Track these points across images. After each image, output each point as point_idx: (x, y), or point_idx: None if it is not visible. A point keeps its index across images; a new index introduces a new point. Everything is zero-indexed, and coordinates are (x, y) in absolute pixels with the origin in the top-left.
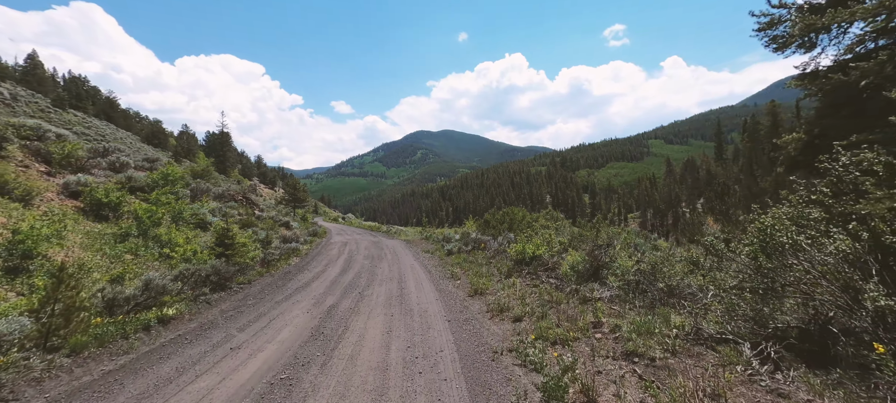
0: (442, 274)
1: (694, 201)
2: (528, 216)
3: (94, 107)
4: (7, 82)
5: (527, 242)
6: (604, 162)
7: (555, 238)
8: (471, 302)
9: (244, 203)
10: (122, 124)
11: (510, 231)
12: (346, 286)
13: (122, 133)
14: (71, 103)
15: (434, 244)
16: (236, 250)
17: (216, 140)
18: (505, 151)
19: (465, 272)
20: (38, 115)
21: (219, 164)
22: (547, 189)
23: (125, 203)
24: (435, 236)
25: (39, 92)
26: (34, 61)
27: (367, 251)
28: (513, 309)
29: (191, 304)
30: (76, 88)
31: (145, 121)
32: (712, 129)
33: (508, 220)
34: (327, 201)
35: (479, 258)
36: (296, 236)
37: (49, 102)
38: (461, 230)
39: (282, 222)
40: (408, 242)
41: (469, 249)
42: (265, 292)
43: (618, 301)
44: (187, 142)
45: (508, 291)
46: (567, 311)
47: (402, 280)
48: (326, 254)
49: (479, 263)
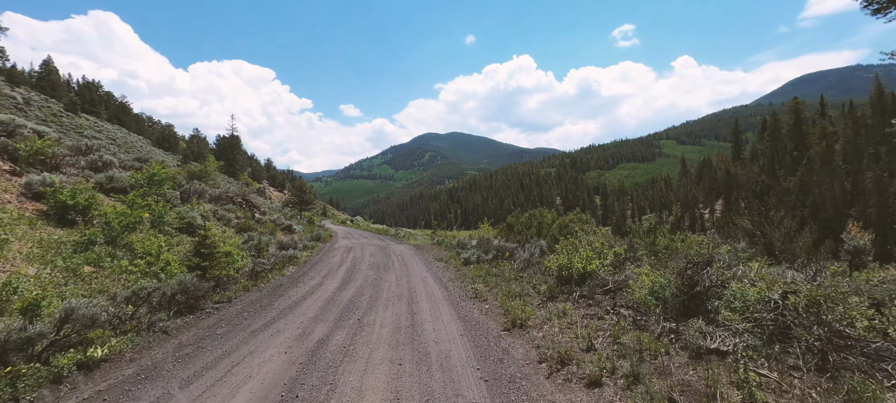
0: (462, 292)
1: (711, 201)
2: (560, 220)
3: (107, 111)
4: (21, 88)
5: (572, 252)
6: (614, 163)
7: (605, 247)
8: (510, 342)
9: (244, 206)
10: (134, 128)
11: (539, 237)
12: (344, 306)
13: (133, 137)
14: (83, 108)
15: (447, 251)
16: (216, 262)
17: (226, 144)
18: (513, 152)
19: (491, 291)
20: (49, 119)
21: (228, 167)
22: (557, 191)
23: (96, 205)
24: (447, 242)
25: (53, 97)
26: (49, 67)
27: (372, 259)
28: (581, 361)
29: (141, 335)
30: (90, 94)
31: (157, 125)
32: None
33: (536, 224)
34: (335, 203)
35: (506, 271)
36: (294, 243)
37: (62, 107)
38: (477, 234)
39: (284, 225)
40: (417, 247)
41: (490, 258)
42: (244, 314)
43: (755, 355)
44: (197, 145)
45: (560, 323)
46: (673, 370)
47: (414, 299)
48: (327, 262)
49: (506, 277)
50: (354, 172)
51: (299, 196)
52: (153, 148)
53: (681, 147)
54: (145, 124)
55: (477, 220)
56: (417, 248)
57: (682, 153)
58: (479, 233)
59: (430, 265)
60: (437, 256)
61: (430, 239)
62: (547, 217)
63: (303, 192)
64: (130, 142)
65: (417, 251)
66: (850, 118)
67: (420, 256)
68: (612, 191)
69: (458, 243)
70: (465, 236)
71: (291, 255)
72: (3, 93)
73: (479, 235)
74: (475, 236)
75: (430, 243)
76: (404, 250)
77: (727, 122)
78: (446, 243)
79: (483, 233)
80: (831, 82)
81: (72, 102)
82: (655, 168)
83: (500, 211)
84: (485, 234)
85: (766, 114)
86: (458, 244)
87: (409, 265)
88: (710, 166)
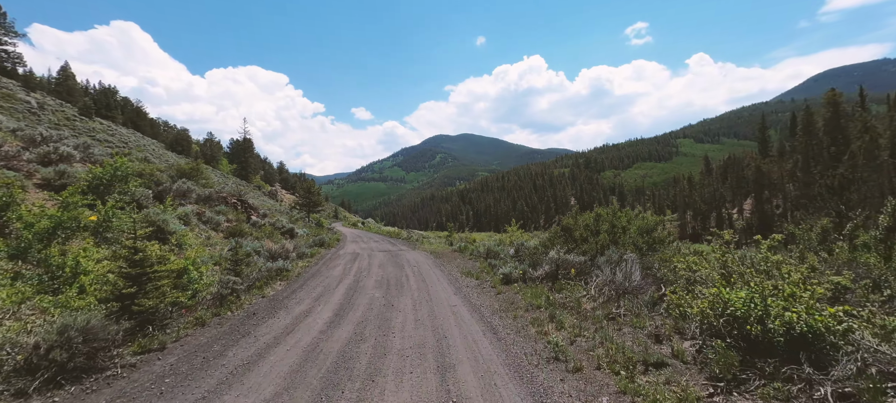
0: (525, 343)
1: (740, 201)
2: (642, 221)
3: (122, 116)
4: (37, 93)
5: (769, 286)
6: (630, 163)
7: (803, 273)
8: None
9: (239, 207)
10: (149, 133)
11: (614, 245)
12: (331, 368)
13: (147, 141)
14: (99, 113)
15: (474, 261)
16: (153, 286)
17: (239, 147)
18: (524, 153)
19: (576, 344)
20: (62, 123)
21: (241, 170)
22: (571, 191)
23: (14, 206)
24: (471, 249)
25: (69, 102)
26: (66, 73)
27: (380, 272)
28: None
29: None
30: (106, 99)
31: (173, 130)
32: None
33: (608, 227)
34: (347, 205)
35: (582, 301)
36: (286, 252)
37: (76, 111)
38: (505, 238)
39: (285, 229)
40: (435, 255)
41: (541, 275)
42: (165, 383)
43: None
44: (211, 148)
45: None
46: None
47: (445, 353)
48: (325, 275)
49: (591, 315)
50: (366, 174)
51: (307, 198)
52: (166, 151)
53: (699, 146)
54: (160, 129)
55: (490, 221)
56: (435, 256)
57: (700, 152)
58: (509, 237)
59: (457, 283)
60: (464, 268)
61: (446, 243)
62: (621, 218)
63: (311, 193)
64: (143, 145)
65: (436, 261)
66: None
67: (441, 268)
68: (629, 191)
69: (486, 252)
70: (491, 242)
71: (280, 267)
72: (17, 97)
73: (510, 238)
74: (504, 240)
75: (449, 250)
76: (420, 260)
77: (747, 119)
78: (470, 251)
79: (514, 237)
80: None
81: (86, 107)
82: (673, 167)
83: (512, 212)
84: (517, 238)
85: (787, 110)
86: (488, 253)
87: (430, 283)
88: (736, 163)
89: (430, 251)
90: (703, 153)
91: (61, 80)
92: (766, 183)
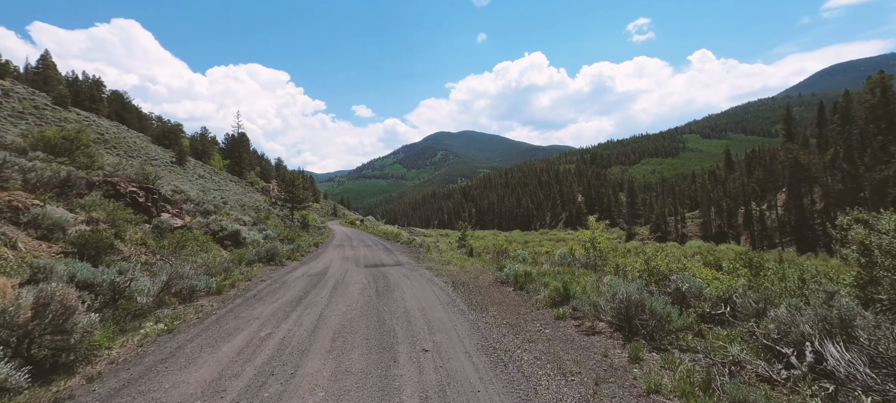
0: None
1: (769, 196)
2: None
3: (107, 108)
4: (7, 80)
5: None
6: (636, 159)
7: None
8: None
9: (140, 198)
10: (136, 126)
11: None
12: None
13: (130, 134)
14: (79, 103)
15: (548, 310)
16: None
17: (233, 143)
18: (526, 150)
19: None
20: (28, 111)
21: (235, 165)
22: (578, 188)
23: None
24: (538, 278)
25: (45, 91)
26: (46, 62)
27: (337, 346)
28: None
29: None
30: (90, 91)
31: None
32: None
33: None
34: (346, 203)
35: None
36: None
37: (50, 100)
38: (571, 244)
39: (228, 232)
40: (453, 279)
41: None
42: None
43: None
44: (202, 143)
45: None
46: None
47: None
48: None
49: None
50: (367, 172)
51: (290, 192)
52: (150, 145)
53: (705, 142)
54: (148, 122)
55: (493, 219)
56: (454, 279)
57: (707, 148)
58: (588, 234)
59: None
60: (537, 327)
61: (458, 247)
62: None
63: (294, 187)
64: (123, 137)
65: (468, 299)
66: None
67: (485, 331)
68: (640, 187)
69: (564, 288)
70: (559, 250)
71: None
72: None
73: (590, 238)
74: (569, 243)
75: (474, 266)
76: (430, 295)
77: (754, 115)
78: (531, 283)
79: (601, 241)
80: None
81: (61, 96)
82: (682, 163)
83: (517, 209)
84: (600, 239)
85: (794, 105)
86: (564, 294)
87: None
88: (761, 156)
89: (448, 275)
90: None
91: (41, 70)
92: (805, 176)
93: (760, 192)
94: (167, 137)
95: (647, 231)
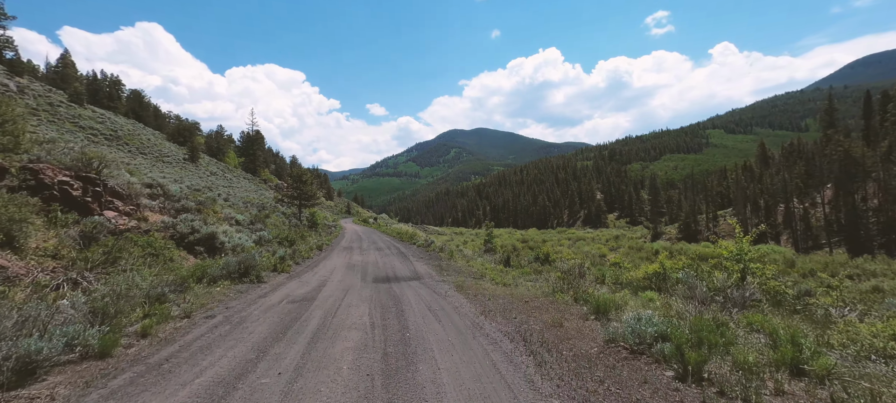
0: None
1: (812, 193)
2: None
3: (124, 106)
4: (24, 77)
5: None
6: (657, 155)
7: None
8: None
9: (76, 193)
10: (153, 124)
11: None
12: None
13: (145, 131)
14: (97, 101)
15: None
16: None
17: (248, 140)
18: (540, 147)
19: None
20: (42, 108)
21: (249, 163)
22: (597, 184)
23: None
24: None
25: (62, 89)
26: (65, 61)
27: None
28: None
29: None
30: (109, 90)
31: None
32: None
33: None
34: (360, 201)
35: None
36: None
37: (65, 98)
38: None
39: (202, 236)
40: (520, 330)
41: None
42: None
43: None
44: (217, 141)
45: None
46: None
47: None
48: None
49: None
50: (381, 169)
51: (298, 189)
52: (164, 142)
53: (730, 136)
54: (165, 120)
55: (508, 217)
56: (504, 305)
57: (732, 143)
58: (731, 246)
59: None
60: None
61: (484, 251)
62: None
63: (302, 183)
64: (137, 134)
65: (538, 361)
66: None
67: None
68: (662, 184)
69: None
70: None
71: None
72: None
73: (737, 252)
74: (592, 243)
75: (526, 285)
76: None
77: (781, 108)
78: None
79: (752, 258)
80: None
81: (76, 93)
82: (706, 159)
83: (533, 207)
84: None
85: (825, 98)
86: None
87: None
88: (799, 149)
89: (493, 302)
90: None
91: (60, 68)
92: (858, 170)
93: (803, 187)
94: (182, 135)
95: (675, 230)
